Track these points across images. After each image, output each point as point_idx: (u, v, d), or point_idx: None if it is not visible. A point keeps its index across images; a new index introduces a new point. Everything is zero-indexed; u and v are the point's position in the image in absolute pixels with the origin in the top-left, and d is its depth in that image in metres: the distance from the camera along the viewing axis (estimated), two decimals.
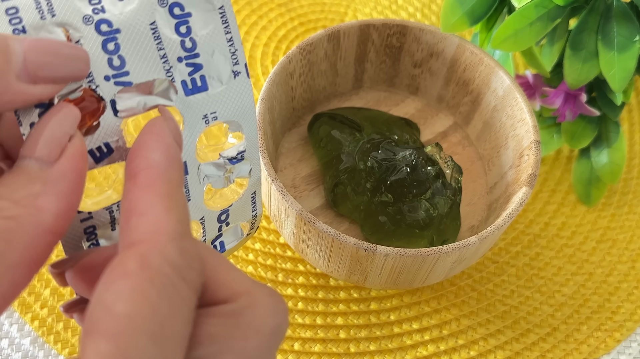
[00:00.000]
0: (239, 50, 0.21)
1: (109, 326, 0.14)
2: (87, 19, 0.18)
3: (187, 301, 0.15)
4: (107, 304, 0.14)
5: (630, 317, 0.35)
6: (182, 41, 0.20)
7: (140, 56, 0.19)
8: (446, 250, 0.27)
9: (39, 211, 0.16)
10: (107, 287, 0.14)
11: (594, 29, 0.33)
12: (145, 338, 0.14)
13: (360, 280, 0.31)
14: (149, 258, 0.15)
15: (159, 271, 0.15)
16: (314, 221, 0.28)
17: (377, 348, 0.34)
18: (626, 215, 0.39)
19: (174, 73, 0.20)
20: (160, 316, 0.14)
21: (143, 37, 0.19)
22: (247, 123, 0.22)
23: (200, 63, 0.20)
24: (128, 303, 0.14)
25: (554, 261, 0.37)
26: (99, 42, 0.18)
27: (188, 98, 0.20)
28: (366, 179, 0.32)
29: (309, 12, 0.48)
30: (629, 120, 0.44)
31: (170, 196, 0.16)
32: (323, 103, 0.39)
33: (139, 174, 0.16)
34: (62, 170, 0.16)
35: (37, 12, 0.17)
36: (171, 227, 0.15)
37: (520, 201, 0.30)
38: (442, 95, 0.39)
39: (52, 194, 0.16)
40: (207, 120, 0.21)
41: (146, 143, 0.17)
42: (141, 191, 0.16)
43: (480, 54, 0.35)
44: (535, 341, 0.34)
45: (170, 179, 0.17)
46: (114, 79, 0.19)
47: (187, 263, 0.15)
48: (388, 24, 0.36)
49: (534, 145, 0.31)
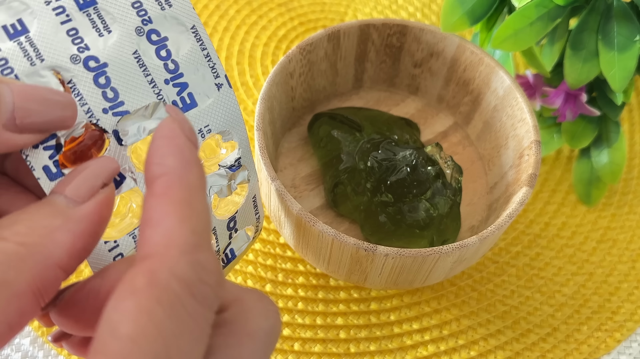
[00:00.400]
0: (217, 64, 0.22)
1: (112, 347, 0.13)
2: (75, 58, 0.19)
3: (198, 319, 0.14)
4: (113, 325, 0.14)
5: (630, 317, 0.35)
6: (165, 64, 0.21)
7: (130, 85, 0.20)
8: (446, 250, 0.27)
9: (53, 244, 0.16)
10: (115, 305, 0.14)
11: (595, 29, 0.33)
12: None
13: (361, 280, 0.31)
14: (157, 274, 0.14)
15: (167, 288, 0.14)
16: (314, 222, 0.28)
17: (377, 348, 0.34)
18: (626, 215, 0.39)
19: (164, 95, 0.21)
20: (166, 338, 0.14)
21: (129, 67, 0.20)
22: (237, 131, 0.23)
23: (186, 82, 0.21)
24: (133, 324, 0.14)
25: (554, 262, 0.37)
26: (90, 78, 0.19)
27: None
28: (366, 179, 0.32)
29: (309, 11, 0.48)
30: (630, 120, 0.44)
31: (187, 203, 0.15)
32: (323, 103, 0.39)
33: (154, 183, 0.16)
34: (87, 212, 0.17)
35: (27, 60, 0.18)
36: (183, 239, 0.15)
37: (521, 201, 0.30)
38: (442, 95, 0.39)
39: (70, 231, 0.16)
40: (202, 134, 0.22)
41: (159, 149, 0.16)
42: (156, 200, 0.15)
43: (481, 53, 0.35)
44: (536, 341, 0.34)
45: (188, 184, 0.16)
46: (111, 111, 0.20)
47: (200, 278, 0.15)
48: (388, 24, 0.36)
49: (534, 145, 0.31)
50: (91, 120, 0.19)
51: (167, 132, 0.17)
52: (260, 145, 0.30)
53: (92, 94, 0.19)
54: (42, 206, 0.16)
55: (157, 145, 0.16)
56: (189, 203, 0.15)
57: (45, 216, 0.16)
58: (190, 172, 0.16)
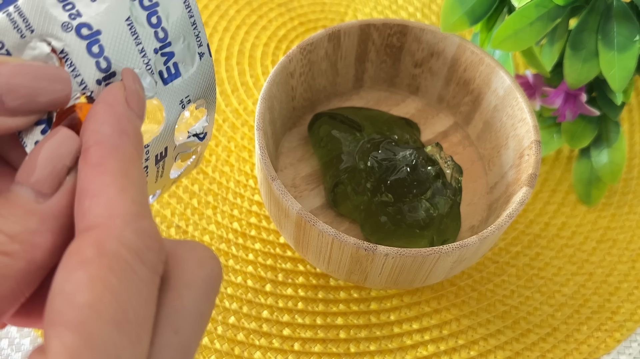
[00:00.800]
0: (201, 32, 0.21)
1: (71, 317, 0.14)
2: (66, 26, 0.18)
3: (148, 283, 0.15)
4: (68, 295, 0.14)
5: (630, 317, 0.35)
6: (155, 32, 0.20)
7: (123, 54, 0.19)
8: (446, 250, 0.27)
9: (34, 248, 0.15)
10: (67, 276, 0.14)
11: (594, 29, 0.33)
12: (109, 326, 0.14)
13: (361, 279, 0.31)
14: (105, 244, 0.14)
15: (117, 256, 0.14)
16: (314, 221, 0.28)
17: (377, 348, 0.34)
18: (626, 215, 0.39)
19: (152, 65, 0.20)
20: (122, 302, 0.14)
21: (122, 35, 0.19)
22: (210, 98, 0.23)
23: (172, 51, 0.21)
24: (89, 292, 0.14)
25: (554, 262, 0.37)
26: (83, 47, 0.18)
27: (166, 87, 0.21)
28: (366, 179, 0.32)
29: (309, 11, 0.48)
30: (629, 120, 0.44)
31: (124, 174, 0.16)
32: (323, 103, 0.39)
33: (89, 150, 0.16)
34: (59, 205, 0.16)
35: (16, 32, 0.17)
36: (126, 209, 0.15)
37: (521, 201, 0.30)
38: (442, 95, 0.39)
39: (47, 231, 0.16)
40: (182, 104, 0.21)
41: (97, 115, 0.16)
42: (92, 170, 0.15)
43: (481, 53, 0.35)
44: (536, 341, 0.34)
45: (123, 155, 0.16)
46: (104, 82, 0.19)
47: (146, 245, 0.15)
48: (388, 24, 0.36)
49: (534, 145, 0.31)
50: (85, 92, 0.18)
51: (109, 98, 0.17)
52: (261, 144, 0.30)
53: (85, 64, 0.18)
54: (12, 207, 0.15)
55: (95, 111, 0.16)
56: (126, 174, 0.16)
57: (19, 219, 0.15)
58: (126, 142, 0.16)
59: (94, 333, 0.14)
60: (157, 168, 0.22)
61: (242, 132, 0.41)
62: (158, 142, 0.21)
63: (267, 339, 0.34)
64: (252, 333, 0.34)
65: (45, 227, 0.16)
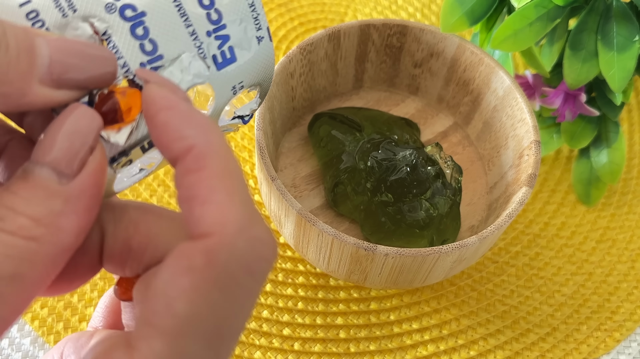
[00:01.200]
0: (260, 14, 0.20)
1: (166, 324, 0.14)
2: (110, 7, 0.17)
3: (252, 296, 0.15)
4: (169, 300, 0.14)
5: (629, 317, 0.36)
6: (207, 14, 0.19)
7: (170, 36, 0.18)
8: (446, 250, 0.27)
9: (60, 231, 0.15)
10: (172, 279, 0.14)
11: (594, 29, 0.33)
12: (200, 342, 0.14)
13: (360, 279, 0.31)
14: (216, 255, 0.14)
15: (225, 270, 0.14)
16: (314, 221, 0.28)
17: (377, 348, 0.34)
18: (626, 215, 0.39)
19: (204, 49, 0.19)
20: (220, 319, 0.14)
21: (170, 16, 0.18)
22: (265, 84, 0.22)
23: (227, 34, 0.19)
24: (188, 304, 0.14)
25: (553, 261, 0.37)
26: (126, 29, 0.17)
27: (220, 72, 0.20)
28: (366, 179, 0.33)
29: (309, 12, 0.48)
30: (629, 120, 0.44)
31: (227, 173, 0.15)
32: (323, 103, 0.39)
33: (185, 159, 0.15)
34: (83, 186, 0.15)
35: (58, 11, 0.16)
36: (238, 214, 0.15)
37: (520, 201, 0.30)
38: (442, 95, 0.39)
39: (73, 213, 0.15)
40: (234, 90, 0.20)
41: (169, 124, 0.15)
42: (195, 176, 0.15)
43: (481, 54, 0.35)
44: (535, 341, 0.34)
45: (218, 151, 0.15)
46: (149, 65, 0.18)
47: (258, 255, 0.15)
48: (388, 24, 0.36)
49: (534, 145, 0.31)
50: (127, 76, 0.18)
51: (166, 103, 0.16)
52: (261, 144, 0.30)
53: (128, 47, 0.17)
54: (34, 189, 0.15)
55: (163, 120, 0.15)
56: (229, 172, 0.15)
57: (42, 201, 0.15)
58: (215, 136, 0.15)
59: (184, 347, 0.14)
60: None
61: (242, 131, 0.41)
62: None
63: (267, 339, 0.34)
64: (252, 333, 0.34)
65: (70, 209, 0.15)
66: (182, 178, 0.15)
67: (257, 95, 0.22)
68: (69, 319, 0.34)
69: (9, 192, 0.15)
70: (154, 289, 0.14)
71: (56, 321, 0.34)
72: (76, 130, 0.15)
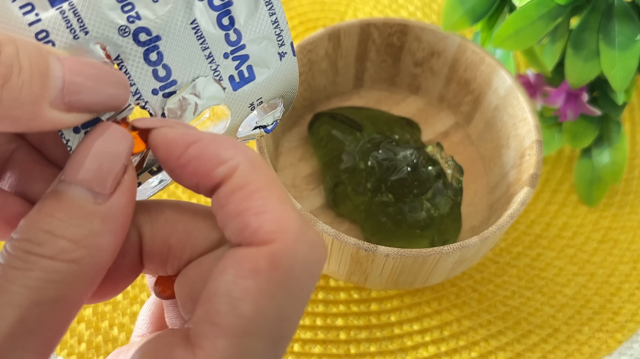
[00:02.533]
0: (284, 30, 0.19)
1: (231, 324, 0.14)
2: (124, 31, 0.16)
3: (309, 295, 0.15)
4: (234, 301, 0.14)
5: (631, 318, 0.35)
6: (226, 35, 0.18)
7: (185, 61, 0.17)
8: (447, 251, 0.27)
9: (100, 253, 0.15)
10: (236, 281, 0.14)
11: (595, 28, 0.33)
12: (264, 342, 0.15)
13: (361, 280, 0.30)
14: (280, 259, 0.15)
15: (289, 272, 0.15)
16: (314, 221, 0.27)
17: (377, 349, 0.33)
18: (628, 215, 0.39)
19: (220, 72, 0.18)
20: (283, 319, 0.15)
21: (186, 40, 0.17)
22: (288, 96, 0.21)
23: (247, 54, 0.19)
24: (254, 304, 0.14)
25: (555, 262, 0.37)
26: (139, 54, 0.17)
27: (236, 92, 0.19)
28: (367, 179, 0.32)
29: (309, 11, 0.47)
30: (631, 120, 0.43)
31: (275, 184, 0.15)
32: (323, 103, 0.39)
33: (229, 181, 0.15)
34: (119, 205, 0.15)
35: (69, 32, 0.16)
36: (294, 221, 0.15)
37: (522, 201, 0.29)
38: (443, 95, 0.39)
39: (110, 233, 0.15)
40: (252, 107, 0.20)
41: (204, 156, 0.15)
42: (244, 191, 0.15)
43: (482, 53, 0.34)
44: (537, 342, 0.34)
45: (261, 168, 0.16)
46: (161, 91, 0.17)
47: (316, 258, 0.15)
48: (389, 23, 0.35)
49: (535, 145, 0.31)
50: (139, 103, 0.17)
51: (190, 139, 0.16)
52: (260, 144, 0.30)
53: (141, 72, 0.17)
54: (69, 208, 0.15)
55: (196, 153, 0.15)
56: (273, 182, 0.16)
57: (81, 222, 0.15)
58: (251, 151, 0.16)
59: (248, 347, 0.14)
60: None
61: None
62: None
63: None
64: None
65: (108, 229, 0.15)
66: (228, 197, 0.15)
67: (281, 104, 0.21)
68: None
69: (44, 215, 0.15)
70: (214, 290, 0.15)
71: None
72: (110, 149, 0.15)
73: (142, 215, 0.17)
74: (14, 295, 0.14)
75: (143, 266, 0.18)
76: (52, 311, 0.14)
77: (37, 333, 0.14)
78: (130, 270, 0.17)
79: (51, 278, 0.14)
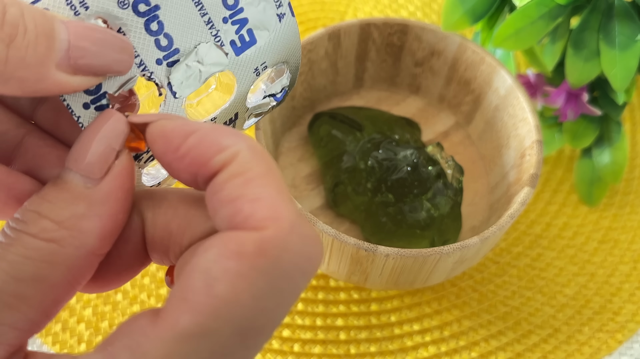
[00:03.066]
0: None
1: (201, 302, 0.13)
2: (123, 3, 0.17)
3: (296, 296, 0.15)
4: (210, 279, 0.14)
5: (632, 318, 0.35)
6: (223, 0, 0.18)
7: (186, 29, 0.18)
8: (447, 251, 0.27)
9: (82, 234, 0.15)
10: (217, 259, 0.14)
11: (596, 28, 0.33)
12: (232, 328, 0.14)
13: (361, 280, 0.30)
14: (269, 246, 0.14)
15: (276, 262, 0.14)
16: (314, 221, 0.27)
17: (377, 350, 0.33)
18: (628, 215, 0.39)
19: (221, 37, 0.19)
20: (259, 311, 0.14)
21: (184, 7, 0.17)
22: (292, 60, 0.21)
23: (245, 17, 0.19)
24: (230, 287, 0.13)
25: (555, 262, 0.37)
26: (141, 24, 0.17)
27: (239, 57, 0.19)
28: (367, 179, 0.32)
29: (309, 10, 0.47)
30: (631, 120, 0.43)
31: (272, 173, 0.15)
32: (323, 103, 0.39)
33: (229, 165, 0.15)
34: (108, 190, 0.16)
35: (70, 9, 0.16)
36: (289, 212, 0.14)
37: (522, 201, 0.29)
38: (443, 95, 0.39)
39: (96, 216, 0.15)
40: (257, 72, 0.20)
41: (200, 145, 0.15)
42: (241, 178, 0.15)
43: (482, 52, 0.34)
44: (537, 342, 0.34)
45: (262, 156, 0.15)
46: (165, 61, 0.18)
47: (309, 253, 0.15)
48: (389, 23, 0.35)
49: (535, 145, 0.31)
50: (144, 74, 0.17)
51: (188, 129, 0.15)
52: (260, 144, 0.30)
53: (144, 43, 0.17)
54: (60, 192, 0.15)
55: (194, 142, 0.15)
56: (273, 172, 0.15)
57: (67, 204, 0.15)
58: (253, 141, 0.15)
59: (212, 329, 0.13)
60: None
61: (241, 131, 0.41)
62: (226, 111, 0.20)
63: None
64: None
65: (94, 212, 0.15)
66: (224, 184, 0.15)
67: (287, 71, 0.21)
68: (67, 320, 0.33)
69: (39, 197, 0.15)
70: (193, 265, 0.14)
71: (54, 322, 0.33)
72: (102, 134, 0.16)
73: (145, 200, 0.17)
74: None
75: (149, 256, 0.18)
76: (32, 288, 0.14)
77: (15, 308, 0.14)
78: (135, 258, 0.17)
79: (29, 255, 0.14)
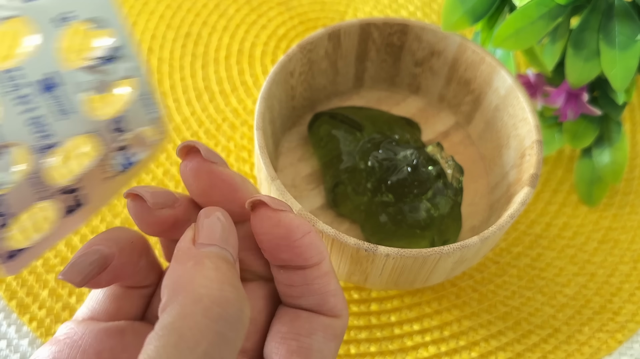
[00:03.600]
0: None
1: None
2: None
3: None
4: (323, 356, 0.21)
5: (632, 318, 0.35)
6: None
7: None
8: (447, 251, 0.27)
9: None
10: (326, 341, 0.21)
11: (596, 28, 0.33)
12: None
13: (361, 280, 0.30)
14: (345, 328, 0.21)
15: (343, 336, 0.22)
16: (314, 221, 0.27)
17: (377, 349, 0.33)
18: (628, 215, 0.39)
19: None
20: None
21: None
22: (114, 18, 0.20)
23: None
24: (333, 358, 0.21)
25: (555, 262, 0.37)
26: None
27: (34, 3, 0.18)
28: (367, 179, 0.32)
29: (309, 10, 0.47)
30: (631, 120, 0.43)
31: (334, 270, 0.22)
32: (323, 102, 0.39)
33: (319, 265, 0.21)
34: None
35: None
36: (345, 304, 0.22)
37: (522, 201, 0.29)
38: (443, 95, 0.39)
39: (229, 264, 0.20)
40: (65, 19, 0.18)
41: (314, 243, 0.20)
42: (328, 277, 0.21)
43: (482, 52, 0.34)
44: (537, 342, 0.34)
45: (329, 257, 0.21)
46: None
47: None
48: (389, 23, 0.35)
49: (535, 145, 0.31)
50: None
51: (306, 228, 0.20)
52: (260, 144, 0.30)
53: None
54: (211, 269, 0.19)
55: (309, 241, 0.20)
56: (334, 269, 0.22)
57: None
58: (323, 246, 0.21)
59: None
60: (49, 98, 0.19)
61: (241, 131, 0.41)
62: (35, 64, 0.18)
63: None
64: None
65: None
66: (315, 279, 0.21)
67: (115, 33, 0.20)
68: (67, 320, 0.33)
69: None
70: (308, 345, 0.20)
71: (54, 322, 0.33)
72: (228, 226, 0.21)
73: None
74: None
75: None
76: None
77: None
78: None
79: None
